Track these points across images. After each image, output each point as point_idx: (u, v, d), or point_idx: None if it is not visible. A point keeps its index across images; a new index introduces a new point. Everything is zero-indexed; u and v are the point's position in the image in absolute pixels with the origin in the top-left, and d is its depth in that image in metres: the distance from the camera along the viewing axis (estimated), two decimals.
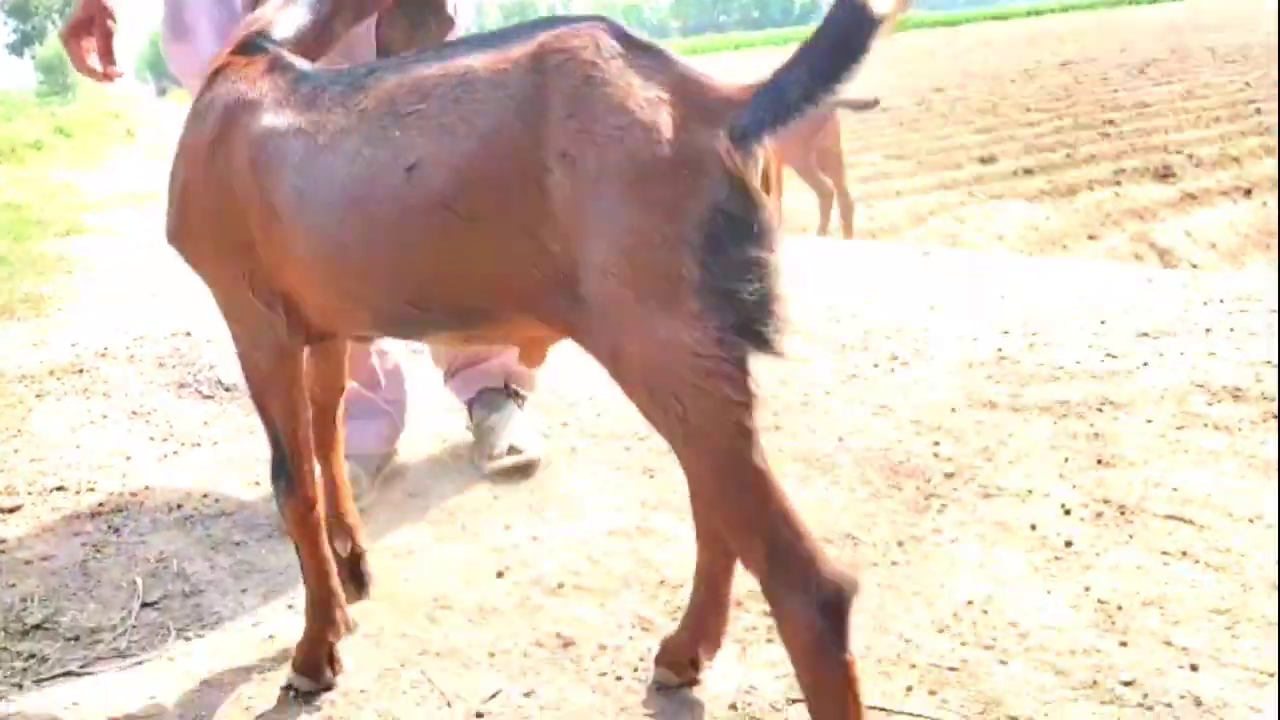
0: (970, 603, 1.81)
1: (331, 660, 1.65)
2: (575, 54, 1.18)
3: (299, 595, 1.93)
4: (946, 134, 11.53)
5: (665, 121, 1.14)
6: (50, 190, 8.93)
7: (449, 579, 1.99)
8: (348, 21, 1.67)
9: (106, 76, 2.12)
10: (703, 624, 1.60)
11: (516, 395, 2.70)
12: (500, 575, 1.99)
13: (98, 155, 14.41)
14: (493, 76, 1.21)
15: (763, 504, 1.21)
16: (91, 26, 2.12)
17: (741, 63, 36.88)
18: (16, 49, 66.58)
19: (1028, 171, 8.79)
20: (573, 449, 2.60)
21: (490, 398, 2.65)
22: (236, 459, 2.62)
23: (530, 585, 1.95)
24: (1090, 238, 6.46)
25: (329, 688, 1.63)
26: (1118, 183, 7.82)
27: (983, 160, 9.63)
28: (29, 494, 2.43)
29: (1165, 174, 7.91)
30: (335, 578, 1.68)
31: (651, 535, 2.13)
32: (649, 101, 1.15)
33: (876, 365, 3.07)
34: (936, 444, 2.51)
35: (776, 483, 1.24)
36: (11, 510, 2.33)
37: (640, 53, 1.19)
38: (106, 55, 2.12)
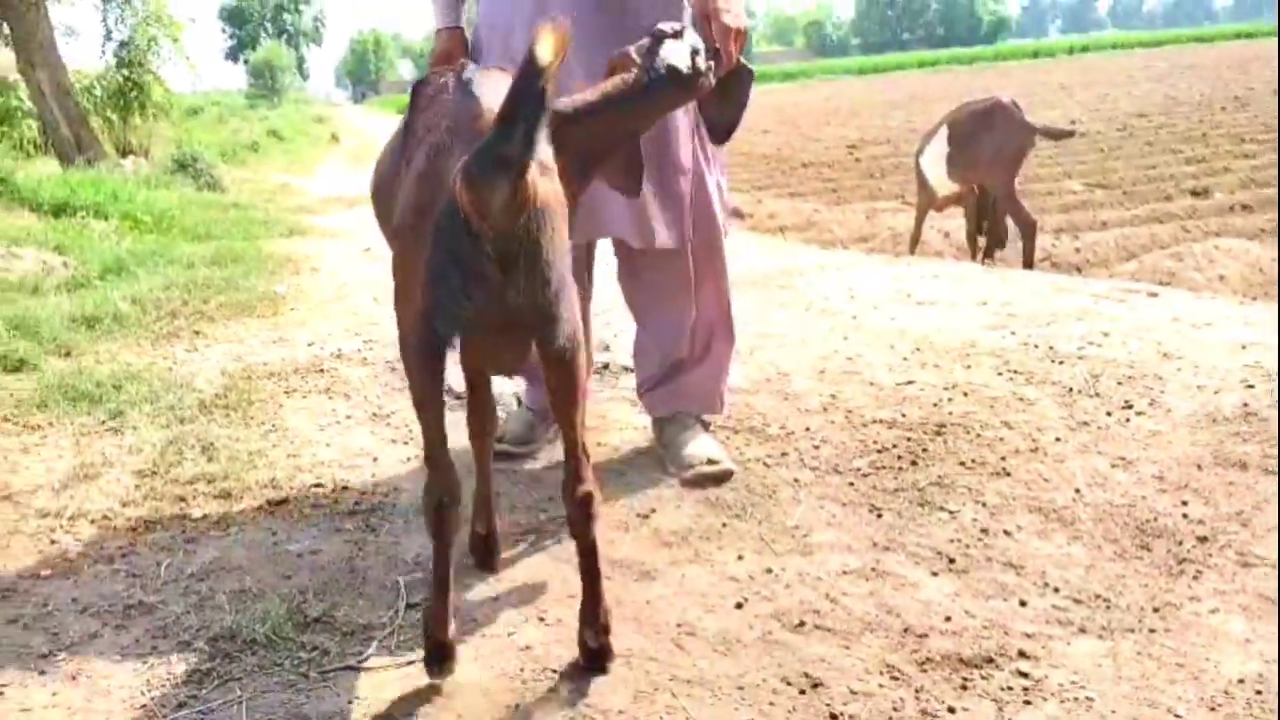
0: (1242, 681, 1.73)
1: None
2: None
3: (551, 605, 2.02)
4: (1152, 163, 11.00)
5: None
6: (269, 191, 9.51)
7: (690, 606, 2.02)
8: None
9: None
10: None
11: (702, 421, 2.83)
12: (739, 606, 2.01)
13: (308, 158, 15.26)
14: None
15: None
16: (451, 57, 2.50)
17: (923, 81, 36.13)
18: (232, 54, 71.23)
19: (1245, 207, 8.30)
20: (796, 480, 2.61)
21: (683, 419, 2.78)
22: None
23: (770, 619, 1.97)
24: None
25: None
26: None
27: (1195, 193, 9.14)
28: (291, 489, 2.60)
29: None
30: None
31: (887, 578, 2.12)
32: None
33: (1109, 414, 2.97)
34: (1185, 504, 2.40)
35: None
36: (279, 503, 2.50)
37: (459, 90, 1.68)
38: None
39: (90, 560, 2.21)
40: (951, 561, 2.18)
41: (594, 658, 1.79)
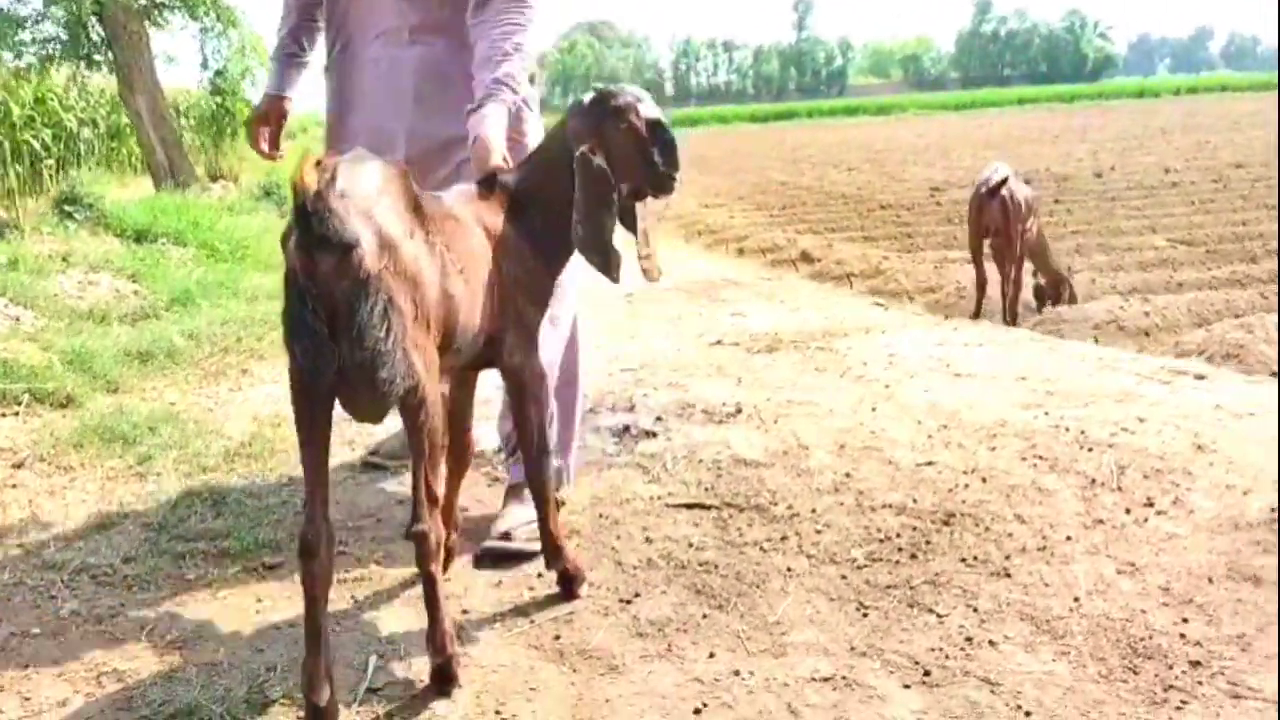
0: None
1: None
2: None
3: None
4: (1243, 219, 10.62)
5: None
6: None
7: (648, 709, 2.01)
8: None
9: (270, 157, 2.95)
10: None
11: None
12: (697, 712, 1.99)
13: None
14: None
15: None
16: (270, 120, 2.91)
17: (1021, 120, 35.52)
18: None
19: None
20: (789, 569, 2.57)
21: (522, 488, 2.73)
22: None
23: None
24: None
25: None
26: None
27: None
28: (290, 550, 2.65)
29: None
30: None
31: (855, 689, 2.07)
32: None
33: (1129, 511, 2.86)
34: (1185, 620, 2.30)
35: None
36: (273, 567, 2.55)
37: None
38: (274, 143, 2.92)
39: (80, 620, 2.29)
40: (927, 674, 2.12)
41: (435, 676, 2.02)
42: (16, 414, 3.70)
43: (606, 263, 2.28)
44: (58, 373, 4.05)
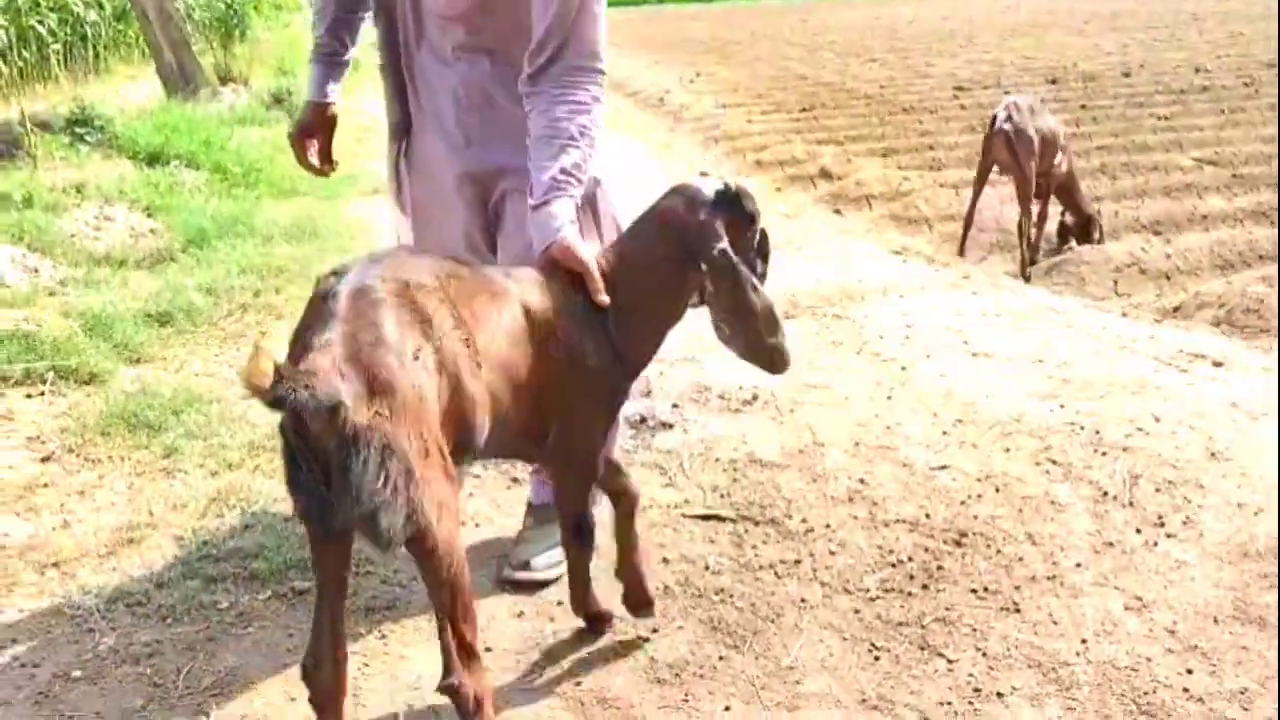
0: None
1: None
2: None
3: None
4: (1271, 133, 10.35)
5: None
6: (363, 128, 9.57)
7: None
8: None
9: (323, 173, 2.75)
10: None
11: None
12: None
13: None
14: None
15: None
16: (316, 131, 2.70)
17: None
18: None
19: None
20: (803, 600, 2.64)
21: (544, 512, 2.78)
22: None
23: None
24: None
25: None
26: None
27: None
28: None
29: None
30: None
31: None
32: None
33: (1139, 531, 2.91)
34: (1189, 672, 2.37)
35: None
36: (302, 593, 2.63)
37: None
38: (325, 156, 2.73)
39: (118, 659, 2.37)
40: None
41: None
42: (43, 394, 3.75)
43: (777, 361, 2.22)
44: (80, 345, 4.08)
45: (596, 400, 2.16)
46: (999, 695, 2.31)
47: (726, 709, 2.26)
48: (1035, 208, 6.86)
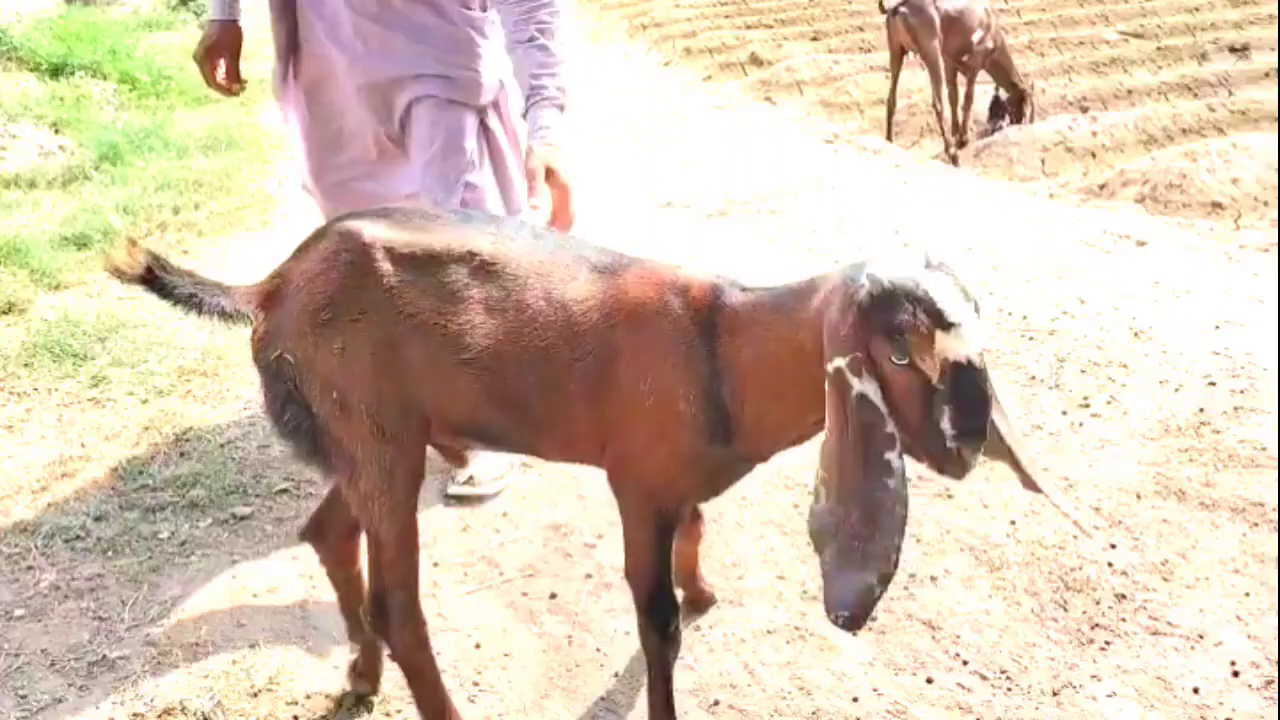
0: None
1: None
2: None
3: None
4: (1197, 3, 10.39)
5: None
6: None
7: (623, 673, 2.15)
8: None
9: (232, 92, 2.64)
10: None
11: None
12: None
13: None
14: None
15: None
16: (222, 50, 2.60)
17: None
18: None
19: None
20: (744, 498, 2.69)
21: None
22: None
23: (688, 696, 2.08)
24: None
25: None
26: None
27: (1234, 50, 8.68)
28: (257, 496, 2.71)
29: None
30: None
31: (809, 640, 2.23)
32: None
33: (1065, 413, 2.99)
34: (1113, 547, 2.47)
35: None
36: (243, 519, 2.62)
37: None
38: (233, 74, 2.63)
39: (60, 595, 2.35)
40: (873, 618, 2.27)
41: None
42: None
43: (846, 596, 1.44)
44: None
45: (673, 450, 1.67)
46: (933, 579, 2.40)
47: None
48: (962, 88, 6.87)
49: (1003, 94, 7.15)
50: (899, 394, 1.41)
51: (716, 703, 2.07)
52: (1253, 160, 5.85)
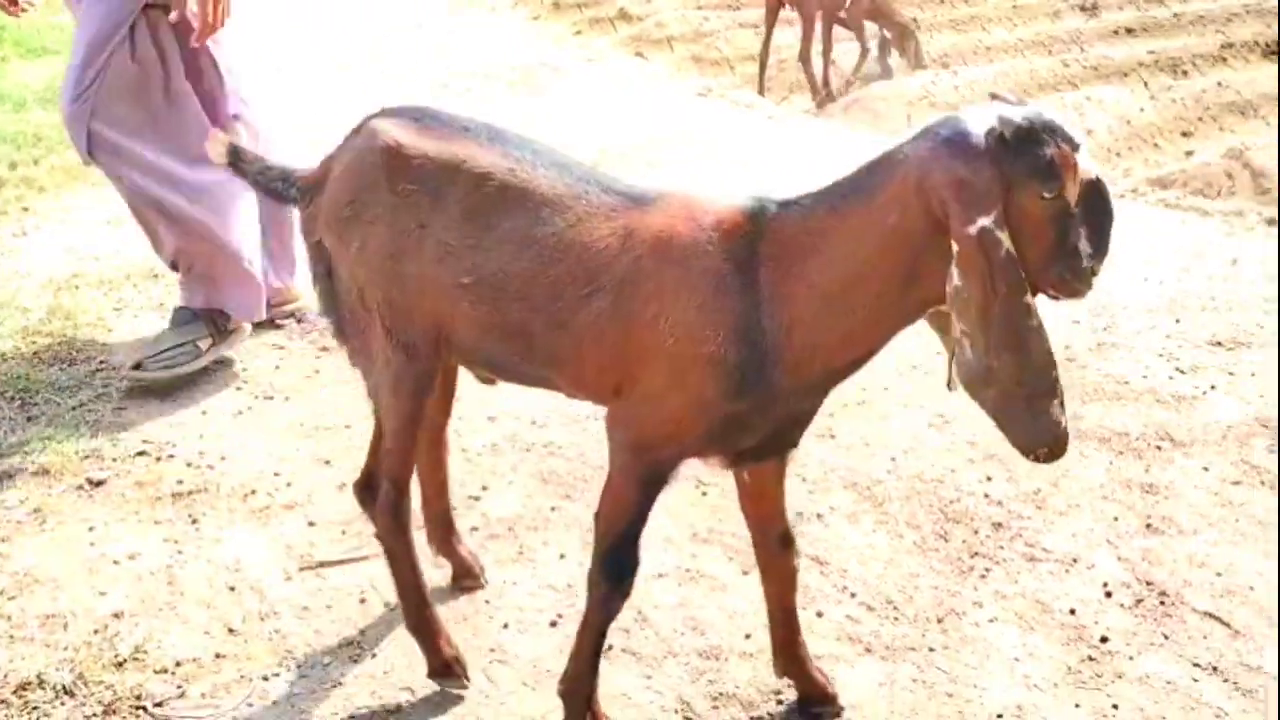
0: (1000, 716, 1.90)
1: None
2: None
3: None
4: None
5: None
6: None
7: (510, 621, 2.10)
8: None
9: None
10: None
11: (214, 323, 2.88)
12: (554, 624, 2.10)
13: None
14: None
15: None
16: None
17: None
18: None
19: (1129, 31, 8.25)
20: None
21: (180, 315, 2.89)
22: None
23: None
24: (1184, 134, 6.15)
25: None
26: (1224, 59, 7.34)
27: (1084, 8, 9.01)
28: (112, 460, 2.55)
29: (1277, 51, 7.39)
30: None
31: (700, 581, 2.22)
32: None
33: (939, 352, 3.04)
34: (989, 479, 2.53)
35: None
36: (98, 484, 2.45)
37: None
38: None
39: None
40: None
41: None
42: None
43: (1044, 435, 1.50)
44: None
45: (688, 397, 1.56)
46: (819, 516, 2.42)
47: (561, 556, 2.28)
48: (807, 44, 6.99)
49: (888, 33, 7.32)
50: (1035, 229, 1.40)
51: (610, 648, 2.04)
52: (1105, 113, 6.11)
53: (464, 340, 1.72)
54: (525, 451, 2.63)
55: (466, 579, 2.18)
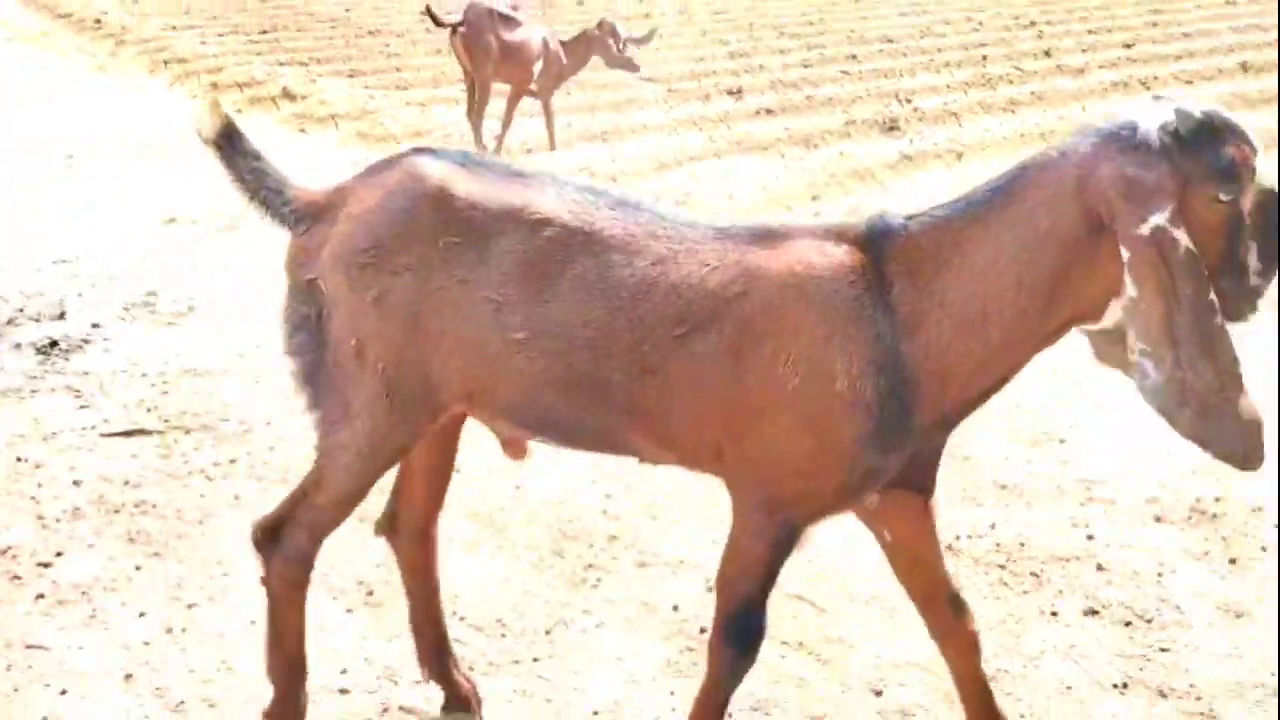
0: (597, 714, 1.90)
1: None
2: None
3: None
4: (702, 55, 11.59)
5: None
6: None
7: (71, 686, 1.88)
8: None
9: None
10: None
11: None
12: (128, 678, 1.90)
13: None
14: None
15: None
16: None
17: None
18: None
19: (769, 112, 8.99)
20: (237, 496, 2.50)
21: None
22: None
23: (153, 698, 1.87)
24: (814, 198, 6.73)
25: None
26: (848, 135, 8.13)
27: (731, 93, 9.75)
28: None
29: (891, 127, 8.30)
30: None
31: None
32: None
33: None
34: (609, 496, 2.58)
35: None
36: None
37: None
38: None
39: None
40: (370, 593, 2.19)
41: None
42: None
43: (1250, 441, 1.30)
44: None
45: (823, 443, 1.40)
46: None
47: (141, 615, 2.08)
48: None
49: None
50: (1205, 235, 1.27)
51: (183, 703, 1.87)
52: (744, 180, 6.59)
53: (509, 399, 1.53)
54: (114, 514, 2.41)
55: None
